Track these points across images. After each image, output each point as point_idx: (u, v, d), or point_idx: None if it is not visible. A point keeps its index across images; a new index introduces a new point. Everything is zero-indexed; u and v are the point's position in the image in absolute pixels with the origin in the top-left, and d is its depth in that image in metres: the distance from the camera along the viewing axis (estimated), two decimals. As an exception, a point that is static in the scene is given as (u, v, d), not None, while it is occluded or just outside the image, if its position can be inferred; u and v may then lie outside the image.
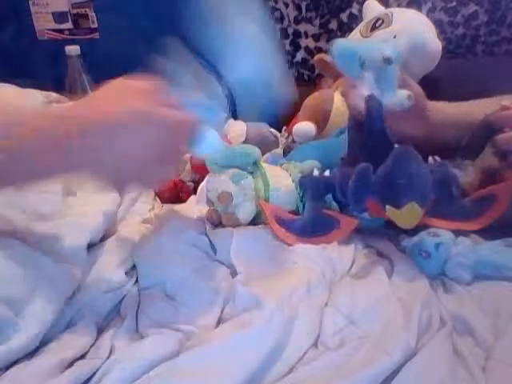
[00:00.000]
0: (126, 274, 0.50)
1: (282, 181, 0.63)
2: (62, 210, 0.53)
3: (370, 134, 0.56)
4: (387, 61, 0.55)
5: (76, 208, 0.55)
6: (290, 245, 0.56)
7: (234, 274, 0.51)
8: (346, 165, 0.58)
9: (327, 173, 0.60)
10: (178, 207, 0.67)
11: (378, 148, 0.54)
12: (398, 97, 0.57)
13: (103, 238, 0.55)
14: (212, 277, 0.51)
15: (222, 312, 0.46)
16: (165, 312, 0.45)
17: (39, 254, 0.43)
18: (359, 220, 0.58)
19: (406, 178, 0.49)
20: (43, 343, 0.40)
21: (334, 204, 0.62)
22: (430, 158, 0.56)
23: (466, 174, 0.62)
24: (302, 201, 0.62)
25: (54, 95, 1.03)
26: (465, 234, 0.54)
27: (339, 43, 0.58)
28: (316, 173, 0.62)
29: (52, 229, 0.49)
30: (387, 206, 0.50)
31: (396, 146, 0.53)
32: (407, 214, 0.50)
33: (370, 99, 0.56)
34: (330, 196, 0.61)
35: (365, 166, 0.52)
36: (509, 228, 0.54)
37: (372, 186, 0.51)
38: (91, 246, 0.51)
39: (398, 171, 0.50)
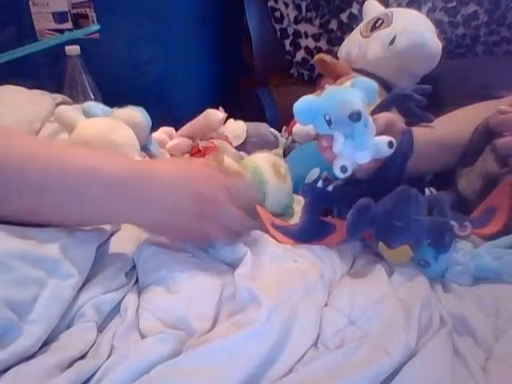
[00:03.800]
0: (126, 274, 0.50)
1: None
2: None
3: (389, 169, 0.55)
4: (354, 117, 0.50)
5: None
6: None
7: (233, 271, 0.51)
8: (349, 183, 0.58)
9: (330, 188, 0.60)
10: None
11: (388, 181, 0.54)
12: (378, 146, 0.52)
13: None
14: (213, 272, 0.51)
15: (222, 306, 0.46)
16: (165, 306, 0.46)
17: (45, 258, 0.44)
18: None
19: (404, 221, 0.49)
20: (43, 343, 0.40)
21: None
22: (427, 190, 0.55)
23: (467, 179, 0.62)
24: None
25: (60, 97, 1.04)
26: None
27: (301, 101, 0.53)
28: (320, 183, 0.61)
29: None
30: (380, 242, 0.51)
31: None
32: (398, 255, 0.50)
33: (404, 135, 0.54)
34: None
35: (365, 201, 0.51)
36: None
37: (369, 221, 0.51)
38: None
39: (397, 213, 0.50)
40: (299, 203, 0.65)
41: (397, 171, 0.55)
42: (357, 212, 0.51)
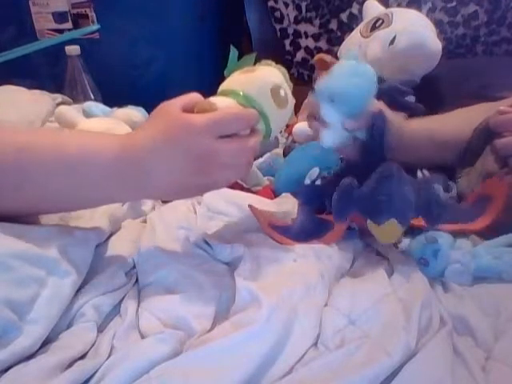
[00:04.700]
0: (125, 274, 0.50)
1: None
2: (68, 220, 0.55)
3: (368, 151, 0.57)
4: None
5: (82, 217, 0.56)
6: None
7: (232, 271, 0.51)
8: (337, 175, 0.59)
9: (319, 182, 0.61)
10: (170, 205, 0.66)
11: (372, 164, 0.55)
12: None
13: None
14: (212, 272, 0.51)
15: (222, 306, 0.46)
16: (165, 306, 0.46)
17: (44, 257, 0.44)
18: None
19: (387, 196, 0.50)
20: (43, 343, 0.40)
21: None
22: (419, 173, 0.56)
23: (467, 179, 0.62)
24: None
25: (60, 97, 1.04)
26: (464, 235, 0.54)
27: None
28: (308, 181, 0.62)
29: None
30: (368, 221, 0.51)
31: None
32: (386, 231, 0.51)
33: (376, 117, 0.55)
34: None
35: (348, 181, 0.52)
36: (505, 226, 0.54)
37: (355, 201, 0.52)
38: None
39: (380, 189, 0.51)
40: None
41: (377, 153, 0.56)
42: (340, 192, 0.52)
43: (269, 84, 0.52)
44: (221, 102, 0.50)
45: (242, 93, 0.51)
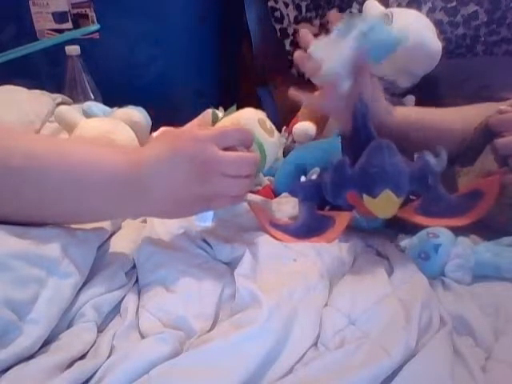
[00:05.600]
0: (125, 274, 0.50)
1: None
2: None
3: (356, 134, 0.58)
4: None
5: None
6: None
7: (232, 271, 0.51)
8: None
9: (314, 176, 0.61)
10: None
11: (364, 146, 0.55)
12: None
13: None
14: (213, 271, 0.51)
15: (222, 306, 0.46)
16: (165, 306, 0.46)
17: (45, 258, 0.44)
18: (359, 221, 0.58)
19: (379, 167, 0.50)
20: (43, 343, 0.40)
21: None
22: (416, 156, 0.56)
23: (467, 179, 0.62)
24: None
25: (60, 97, 1.04)
26: (464, 234, 0.54)
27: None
28: (303, 178, 0.63)
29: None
30: (364, 196, 0.51)
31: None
32: (383, 203, 0.51)
33: (358, 102, 0.57)
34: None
35: (341, 160, 0.53)
36: (506, 227, 0.54)
37: (349, 179, 0.52)
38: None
39: (371, 162, 0.51)
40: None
41: (365, 132, 0.57)
42: (333, 173, 0.53)
43: (255, 116, 0.61)
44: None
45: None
